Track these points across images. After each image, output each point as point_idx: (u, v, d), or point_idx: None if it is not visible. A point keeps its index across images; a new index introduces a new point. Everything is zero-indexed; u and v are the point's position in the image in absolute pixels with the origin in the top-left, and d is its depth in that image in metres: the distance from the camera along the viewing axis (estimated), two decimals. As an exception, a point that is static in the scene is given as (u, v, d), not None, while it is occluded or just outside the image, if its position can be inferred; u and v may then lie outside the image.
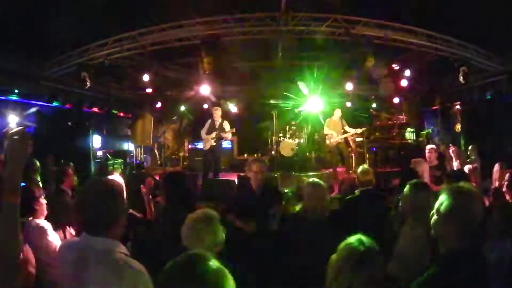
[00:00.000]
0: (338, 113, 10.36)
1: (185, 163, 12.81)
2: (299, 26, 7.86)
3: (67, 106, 9.65)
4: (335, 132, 10.10)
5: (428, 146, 6.94)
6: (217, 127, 9.13)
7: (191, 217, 2.57)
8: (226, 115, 10.30)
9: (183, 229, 2.54)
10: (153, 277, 1.67)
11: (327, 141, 10.29)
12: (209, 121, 9.34)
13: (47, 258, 2.93)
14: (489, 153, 7.96)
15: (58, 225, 3.41)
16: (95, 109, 11.04)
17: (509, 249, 2.81)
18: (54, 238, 3.17)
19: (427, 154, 6.60)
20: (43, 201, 3.33)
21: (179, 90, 12.15)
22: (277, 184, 7.87)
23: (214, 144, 9.12)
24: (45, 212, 3.32)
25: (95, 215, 1.81)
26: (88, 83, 8.23)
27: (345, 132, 10.26)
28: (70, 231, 3.55)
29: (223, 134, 9.12)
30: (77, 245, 1.84)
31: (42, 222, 3.23)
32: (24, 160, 1.68)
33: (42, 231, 3.14)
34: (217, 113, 9.27)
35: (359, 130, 10.27)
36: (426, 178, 5.06)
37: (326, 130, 10.32)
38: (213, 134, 9.10)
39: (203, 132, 9.31)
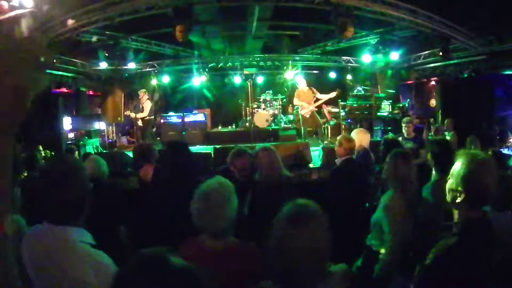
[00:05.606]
0: (301, 81, 10.06)
1: (158, 138, 12.37)
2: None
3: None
4: (306, 102, 9.70)
5: (405, 119, 6.80)
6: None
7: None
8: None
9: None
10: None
11: (301, 112, 9.84)
12: None
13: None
14: (464, 129, 7.96)
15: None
16: (63, 89, 10.49)
17: (509, 221, 2.74)
18: None
19: (404, 127, 6.55)
20: None
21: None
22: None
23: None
24: None
25: (60, 201, 1.57)
26: (54, 61, 7.75)
27: (317, 100, 9.89)
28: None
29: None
30: (42, 236, 1.60)
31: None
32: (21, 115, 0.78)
33: None
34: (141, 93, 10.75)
35: (332, 94, 9.79)
36: (366, 145, 4.99)
37: (295, 102, 9.98)
38: None
39: None
